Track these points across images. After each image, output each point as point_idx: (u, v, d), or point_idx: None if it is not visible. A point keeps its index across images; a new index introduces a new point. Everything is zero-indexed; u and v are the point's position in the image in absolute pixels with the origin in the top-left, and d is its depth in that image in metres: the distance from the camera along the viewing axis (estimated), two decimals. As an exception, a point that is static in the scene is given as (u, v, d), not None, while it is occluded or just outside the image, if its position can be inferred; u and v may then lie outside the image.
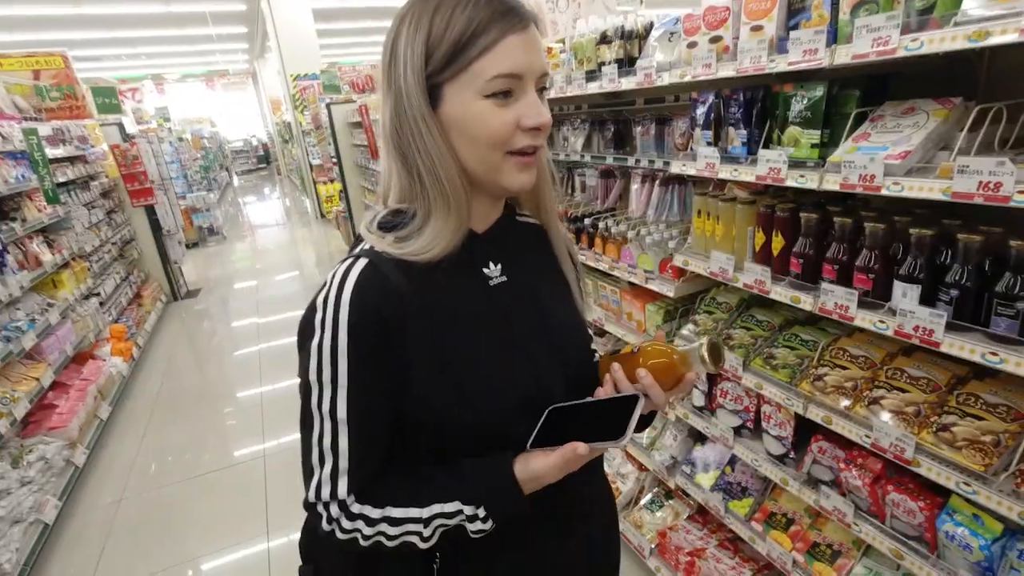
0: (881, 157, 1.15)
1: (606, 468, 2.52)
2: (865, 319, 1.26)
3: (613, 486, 2.41)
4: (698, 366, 0.78)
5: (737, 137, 1.52)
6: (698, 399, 1.93)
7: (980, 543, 1.16)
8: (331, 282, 0.71)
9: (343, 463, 0.72)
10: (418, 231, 0.74)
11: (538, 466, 0.72)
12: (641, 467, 2.44)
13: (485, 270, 0.81)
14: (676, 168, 1.71)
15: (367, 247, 0.75)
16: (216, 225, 9.86)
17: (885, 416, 1.30)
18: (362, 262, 0.72)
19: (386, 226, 0.77)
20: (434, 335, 0.73)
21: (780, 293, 1.46)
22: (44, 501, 2.77)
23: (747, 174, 1.46)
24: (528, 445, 0.75)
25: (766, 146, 1.46)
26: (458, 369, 0.74)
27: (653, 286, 1.96)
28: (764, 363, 1.59)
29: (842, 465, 1.44)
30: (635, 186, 2.32)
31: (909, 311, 1.17)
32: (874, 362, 1.42)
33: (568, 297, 0.92)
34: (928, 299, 1.17)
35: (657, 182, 2.18)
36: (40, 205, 3.90)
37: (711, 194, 1.69)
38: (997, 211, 1.01)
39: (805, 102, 1.34)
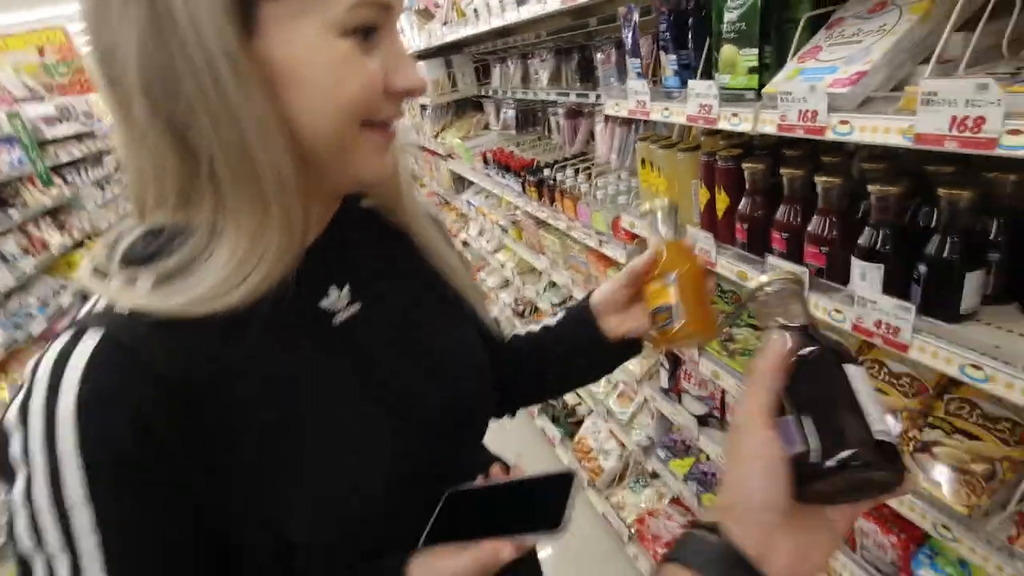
0: (824, 85, 0.80)
1: (590, 442, 2.31)
2: (819, 307, 0.95)
3: (595, 463, 2.21)
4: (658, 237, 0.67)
5: (668, 64, 1.16)
6: (663, 379, 1.66)
7: (963, 601, 0.88)
8: (33, 387, 0.42)
9: None
10: (198, 259, 0.44)
11: (444, 568, 0.49)
12: (624, 443, 2.22)
13: (324, 303, 0.53)
14: (610, 108, 1.36)
15: (100, 310, 0.45)
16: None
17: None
18: (89, 342, 0.42)
19: (138, 258, 0.45)
20: (246, 424, 0.47)
21: (725, 267, 1.14)
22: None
23: (678, 114, 1.12)
24: (420, 542, 0.53)
25: (706, 74, 1.11)
26: (291, 460, 0.49)
27: (607, 250, 1.66)
28: (721, 348, 1.30)
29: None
30: (599, 127, 1.97)
31: (869, 300, 0.85)
32: (849, 350, 1.10)
33: (458, 307, 0.65)
34: (893, 284, 0.84)
35: (618, 122, 1.83)
36: (42, 188, 3.94)
37: (652, 139, 1.34)
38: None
39: (740, 9, 0.98)
